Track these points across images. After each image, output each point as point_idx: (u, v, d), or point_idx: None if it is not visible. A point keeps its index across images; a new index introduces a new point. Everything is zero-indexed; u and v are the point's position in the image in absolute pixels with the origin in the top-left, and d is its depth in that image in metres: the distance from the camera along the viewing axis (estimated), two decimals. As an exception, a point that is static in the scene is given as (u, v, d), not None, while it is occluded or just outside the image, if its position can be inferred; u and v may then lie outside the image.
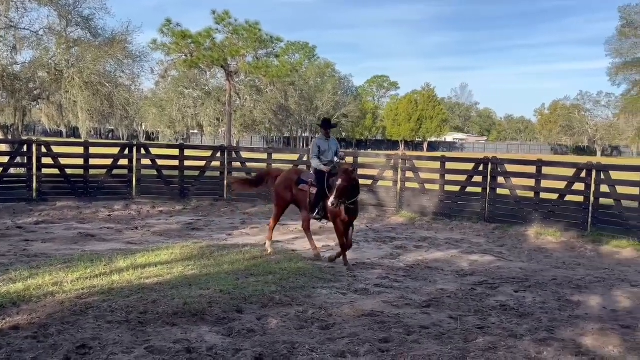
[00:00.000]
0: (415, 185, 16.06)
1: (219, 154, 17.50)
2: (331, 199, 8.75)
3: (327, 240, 11.61)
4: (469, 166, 15.64)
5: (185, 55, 42.51)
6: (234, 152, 17.93)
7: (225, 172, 17.36)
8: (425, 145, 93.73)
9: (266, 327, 6.15)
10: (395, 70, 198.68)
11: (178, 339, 5.63)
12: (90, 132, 26.32)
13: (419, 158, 18.46)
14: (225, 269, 8.51)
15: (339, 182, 8.73)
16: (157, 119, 56.38)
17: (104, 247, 10.28)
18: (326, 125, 10.13)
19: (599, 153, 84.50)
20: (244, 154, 18.08)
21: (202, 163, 17.39)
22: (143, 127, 68.05)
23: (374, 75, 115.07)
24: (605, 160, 36.87)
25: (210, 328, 6.05)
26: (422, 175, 16.13)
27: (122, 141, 22.41)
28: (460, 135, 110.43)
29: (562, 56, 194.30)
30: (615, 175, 13.34)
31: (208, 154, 17.81)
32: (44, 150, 15.55)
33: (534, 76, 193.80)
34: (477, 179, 15.21)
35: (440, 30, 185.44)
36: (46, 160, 15.62)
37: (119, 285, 7.30)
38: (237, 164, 17.59)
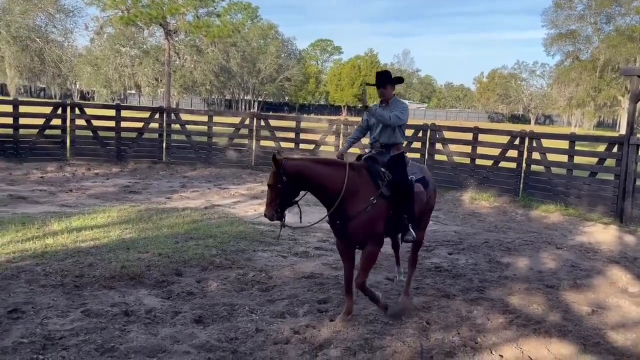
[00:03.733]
0: (357, 150, 16.20)
1: (157, 116, 17.04)
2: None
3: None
4: (409, 132, 15.88)
5: (122, 12, 40.77)
6: (173, 114, 17.51)
7: (164, 134, 16.96)
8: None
9: (206, 289, 6.17)
10: (339, 35, 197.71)
11: (115, 302, 5.57)
12: (20, 89, 25.03)
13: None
14: (165, 232, 8.40)
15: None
16: (92, 77, 54.14)
17: (37, 209, 9.92)
18: (379, 80, 5.89)
19: (533, 121, 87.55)
20: (184, 116, 17.68)
21: (140, 124, 16.90)
22: (77, 86, 65.20)
23: (317, 38, 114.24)
24: (538, 129, 38.38)
25: (148, 291, 6.01)
26: (363, 140, 16.25)
27: (54, 100, 21.42)
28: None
29: (501, 25, 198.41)
30: (546, 143, 13.93)
31: (146, 115, 17.30)
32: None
33: (474, 45, 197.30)
34: (416, 144, 15.51)
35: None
36: (-29, 119, 14.79)
37: (53, 249, 7.10)
38: (177, 126, 17.21)
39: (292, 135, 17.18)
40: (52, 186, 12.52)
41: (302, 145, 16.83)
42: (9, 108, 15.57)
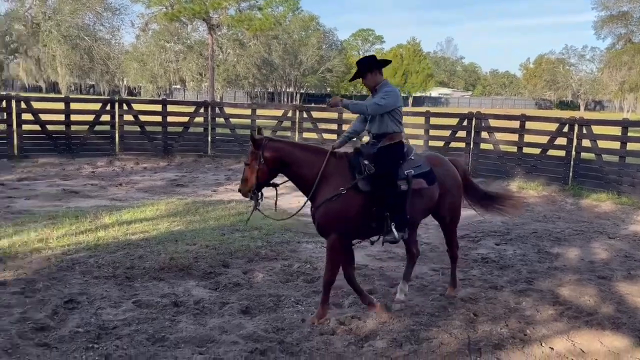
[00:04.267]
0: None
1: (202, 110, 17.32)
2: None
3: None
4: (454, 121, 15.70)
5: (166, 8, 41.47)
6: (217, 108, 17.76)
7: (209, 128, 17.23)
8: (410, 100, 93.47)
9: (252, 280, 6.25)
10: (380, 24, 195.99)
11: (165, 293, 5.71)
12: (71, 87, 25.86)
13: (404, 113, 18.42)
14: (211, 224, 8.56)
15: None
16: (139, 73, 55.24)
17: (89, 203, 10.25)
18: (359, 68, 5.37)
19: (582, 107, 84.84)
20: (228, 110, 17.91)
21: (186, 119, 17.22)
22: (124, 82, 66.79)
23: (359, 28, 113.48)
24: (588, 115, 37.11)
25: (197, 282, 6.14)
26: (407, 131, 16.11)
27: (103, 97, 22.02)
28: (445, 90, 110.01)
29: (548, 9, 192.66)
30: (597, 129, 13.48)
31: (191, 109, 17.61)
32: (23, 105, 15.24)
33: (519, 30, 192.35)
34: (461, 134, 15.29)
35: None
36: (26, 116, 15.34)
37: (105, 241, 7.33)
38: (221, 120, 17.45)
39: (334, 126, 17.18)
40: (103, 180, 12.90)
41: (344, 137, 16.78)
42: (61, 105, 16.10)
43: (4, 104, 15.17)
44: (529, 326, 5.13)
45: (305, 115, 17.20)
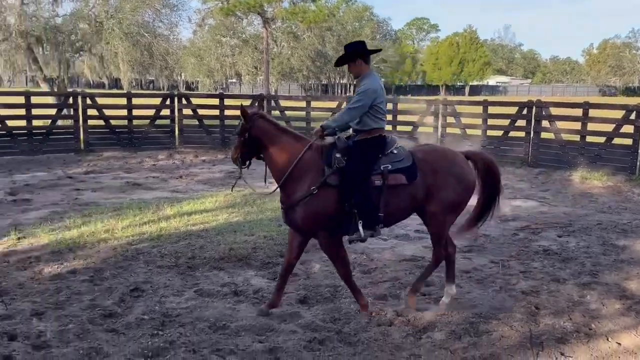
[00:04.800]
0: (457, 130, 15.83)
1: (257, 103, 17.55)
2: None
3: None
4: (513, 110, 15.31)
5: (222, 3, 42.15)
6: (272, 101, 17.95)
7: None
8: (466, 90, 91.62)
9: (309, 271, 6.32)
10: (435, 13, 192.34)
11: (225, 283, 5.86)
12: (132, 83, 26.66)
13: (460, 103, 18.13)
14: (268, 215, 8.69)
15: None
16: (196, 68, 56.45)
17: (151, 195, 10.60)
18: (344, 55, 5.15)
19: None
20: (283, 102, 18.07)
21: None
22: (182, 77, 68.38)
23: (413, 17, 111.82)
24: (657, 102, 35.34)
25: (255, 272, 6.26)
26: (464, 120, 15.88)
27: (163, 92, 22.63)
28: (503, 78, 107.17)
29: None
30: (667, 116, 12.83)
31: (247, 102, 17.85)
32: (88, 102, 15.88)
33: (581, 15, 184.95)
34: (521, 123, 14.90)
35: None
36: (91, 112, 15.98)
37: (167, 232, 7.57)
38: (276, 113, 17.62)
39: (389, 117, 17.05)
40: (164, 173, 13.29)
41: (399, 127, 16.66)
42: (123, 101, 16.68)
43: (71, 100, 15.86)
44: (594, 320, 4.97)
45: (359, 106, 17.12)
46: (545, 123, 14.46)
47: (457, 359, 4.28)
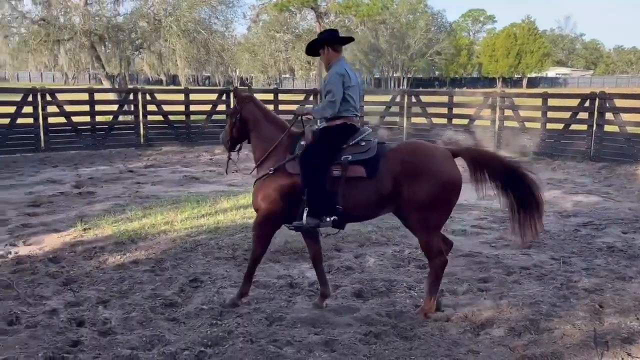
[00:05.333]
0: (515, 124, 15.44)
1: (311, 97, 17.62)
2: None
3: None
4: (574, 102, 14.81)
5: (276, -2, 42.52)
6: (326, 95, 17.97)
7: (319, 115, 17.50)
8: (524, 82, 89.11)
9: (364, 265, 6.31)
10: (492, 3, 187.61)
11: (281, 275, 5.93)
12: (189, 79, 27.28)
13: (519, 95, 17.68)
14: (323, 209, 8.71)
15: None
16: (250, 64, 57.16)
17: (208, 188, 10.83)
18: (311, 44, 5.24)
19: None
20: (337, 96, 18.05)
21: (295, 107, 17.57)
22: (237, 72, 69.49)
23: (469, 9, 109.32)
24: None
25: (310, 265, 6.25)
26: (522, 113, 15.47)
27: (218, 87, 23.08)
28: (563, 70, 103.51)
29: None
30: None
31: (301, 97, 17.98)
32: (148, 97, 16.36)
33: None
34: (583, 115, 14.39)
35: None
36: (151, 108, 16.46)
37: (224, 225, 7.72)
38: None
39: (444, 110, 16.81)
40: (220, 167, 13.52)
41: (455, 121, 16.39)
42: (180, 96, 17.11)
43: (131, 96, 16.39)
44: (663, 321, 4.75)
45: (414, 99, 16.96)
46: (609, 115, 13.92)
47: (517, 356, 4.18)
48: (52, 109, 15.32)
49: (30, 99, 14.91)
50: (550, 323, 4.68)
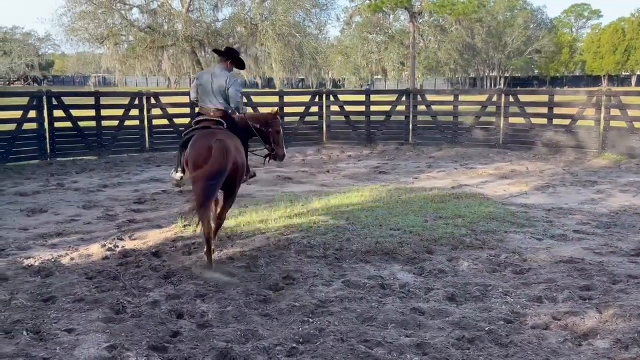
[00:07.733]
0: (622, 124, 14.48)
1: (403, 98, 17.47)
2: None
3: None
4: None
5: (369, 0, 42.50)
6: (419, 95, 17.75)
7: (410, 116, 17.32)
8: (633, 80, 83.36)
9: (457, 268, 6.17)
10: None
11: (372, 275, 5.91)
12: (283, 81, 27.95)
13: (627, 93, 16.59)
14: (414, 210, 8.62)
15: None
16: (343, 66, 57.57)
17: (300, 188, 11.02)
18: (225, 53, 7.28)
19: None
20: (429, 97, 17.80)
21: (387, 108, 17.53)
22: (330, 74, 70.17)
23: (572, 4, 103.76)
24: None
25: (401, 267, 6.24)
26: (631, 113, 14.47)
27: (311, 89, 23.42)
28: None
29: None
30: None
31: (393, 98, 17.86)
32: (245, 100, 16.89)
33: None
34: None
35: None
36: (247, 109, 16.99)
37: (316, 224, 7.83)
38: (422, 107, 17.41)
39: (544, 110, 16.09)
40: (312, 167, 13.76)
41: (555, 121, 15.64)
42: (275, 99, 17.51)
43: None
44: None
45: (511, 99, 16.36)
46: None
47: (623, 370, 3.93)
48: (155, 111, 16.20)
49: (136, 102, 15.86)
50: (662, 337, 4.35)
